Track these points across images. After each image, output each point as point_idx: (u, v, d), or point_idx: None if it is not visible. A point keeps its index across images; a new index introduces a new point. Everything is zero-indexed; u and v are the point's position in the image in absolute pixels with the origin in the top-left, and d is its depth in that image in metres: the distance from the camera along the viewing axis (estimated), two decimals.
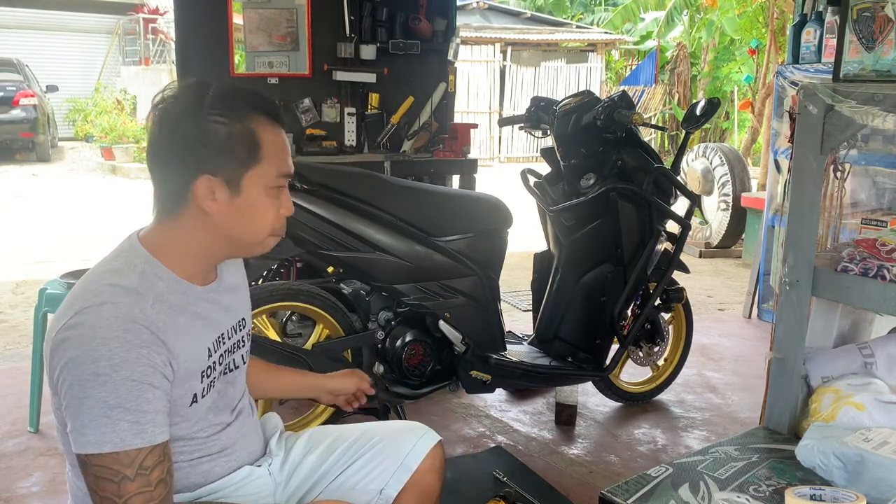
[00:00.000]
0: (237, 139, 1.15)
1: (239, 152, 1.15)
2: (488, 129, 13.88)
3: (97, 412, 1.06)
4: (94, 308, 1.09)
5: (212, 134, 1.13)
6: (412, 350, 2.50)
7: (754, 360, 3.61)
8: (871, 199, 2.03)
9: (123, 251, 1.19)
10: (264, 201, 1.20)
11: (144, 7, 15.80)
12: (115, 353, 1.06)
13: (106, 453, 1.06)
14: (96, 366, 1.06)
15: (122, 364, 1.06)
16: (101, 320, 1.08)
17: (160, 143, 1.16)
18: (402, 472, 1.41)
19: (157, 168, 1.18)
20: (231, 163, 1.15)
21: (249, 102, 1.18)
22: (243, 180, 1.17)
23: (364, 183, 2.43)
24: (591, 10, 17.85)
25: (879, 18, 1.68)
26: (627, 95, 2.69)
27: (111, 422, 1.06)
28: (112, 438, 1.06)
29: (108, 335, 1.07)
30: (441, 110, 4.21)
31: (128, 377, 1.07)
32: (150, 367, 1.09)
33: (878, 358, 1.84)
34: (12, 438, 2.68)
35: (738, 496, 1.46)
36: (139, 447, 1.07)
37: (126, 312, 1.09)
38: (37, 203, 8.63)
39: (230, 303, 1.31)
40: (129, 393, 1.07)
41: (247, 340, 1.37)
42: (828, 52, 3.49)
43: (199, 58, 3.82)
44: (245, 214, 1.19)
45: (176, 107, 1.16)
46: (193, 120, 1.14)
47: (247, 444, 1.35)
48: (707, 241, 6.23)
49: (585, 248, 2.73)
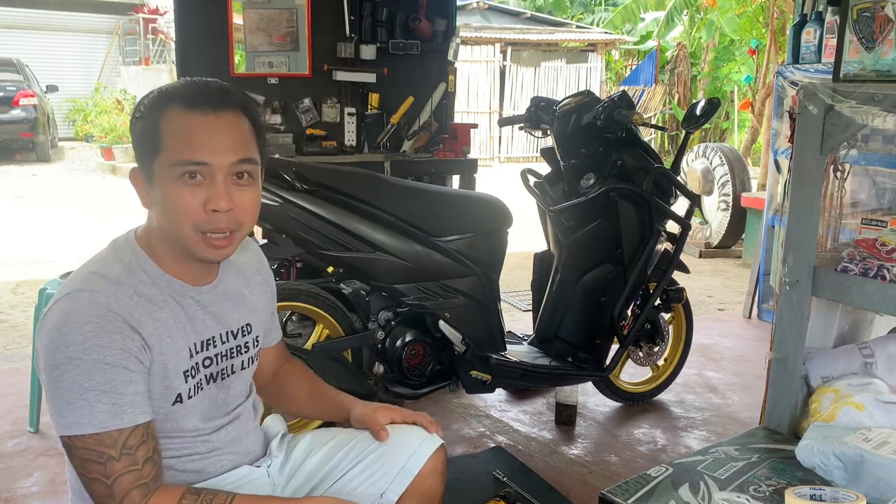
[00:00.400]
0: (144, 131, 1.16)
1: (146, 143, 1.16)
2: (488, 129, 13.88)
3: (73, 395, 1.08)
4: (72, 294, 1.12)
5: (134, 130, 1.18)
6: (412, 350, 2.50)
7: (754, 360, 3.61)
8: (871, 199, 2.03)
9: (118, 245, 1.22)
10: (175, 190, 1.14)
11: (144, 7, 15.81)
12: (86, 338, 1.08)
13: (87, 434, 1.08)
14: (69, 350, 1.08)
15: (94, 348, 1.08)
16: (77, 305, 1.11)
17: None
18: (404, 476, 1.40)
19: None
20: (142, 154, 1.17)
21: (168, 93, 1.17)
22: (153, 170, 1.16)
23: (364, 183, 2.43)
24: (591, 10, 17.85)
25: (879, 18, 1.68)
26: (627, 95, 2.69)
27: (88, 404, 1.08)
28: (91, 420, 1.08)
29: (80, 320, 1.09)
30: (441, 110, 4.21)
31: (100, 360, 1.09)
32: (122, 350, 1.11)
33: (878, 358, 1.84)
34: (12, 438, 2.68)
35: (738, 496, 1.46)
36: (119, 428, 1.09)
37: (102, 301, 1.11)
38: (37, 203, 8.63)
39: (227, 309, 1.29)
40: (103, 375, 1.09)
41: (252, 347, 1.35)
42: (828, 52, 3.49)
43: (199, 58, 3.82)
44: (162, 205, 1.16)
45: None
46: (133, 117, 1.20)
47: (243, 446, 1.34)
48: (707, 241, 6.22)
49: (585, 248, 2.73)
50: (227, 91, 1.19)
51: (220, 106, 1.16)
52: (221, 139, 1.15)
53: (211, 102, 1.15)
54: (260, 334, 1.38)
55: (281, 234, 2.31)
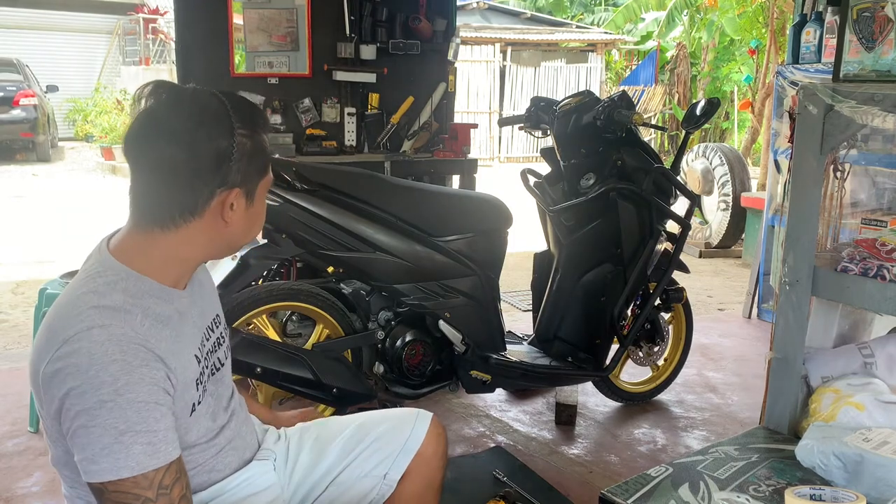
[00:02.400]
0: (258, 151, 1.17)
1: (258, 164, 1.18)
2: (488, 129, 13.88)
3: (108, 439, 1.04)
4: (83, 333, 1.05)
5: (241, 148, 1.14)
6: (412, 350, 2.50)
7: (754, 360, 3.61)
8: (871, 199, 2.02)
9: (98, 270, 1.14)
10: (263, 205, 1.25)
11: (144, 7, 15.81)
12: (117, 378, 1.04)
13: (124, 479, 1.04)
14: (100, 393, 1.03)
15: (126, 387, 1.04)
16: (95, 345, 1.05)
17: (173, 158, 1.10)
18: (404, 455, 1.44)
19: (163, 183, 1.12)
20: (252, 175, 1.17)
21: (257, 113, 1.21)
22: (258, 189, 1.20)
23: (364, 183, 2.43)
24: (592, 10, 17.85)
25: (879, 18, 1.68)
26: (627, 95, 2.69)
27: (124, 447, 1.04)
28: (128, 463, 1.04)
29: (105, 360, 1.04)
30: (441, 110, 4.21)
31: (133, 399, 1.05)
32: (152, 385, 1.07)
33: (878, 358, 1.83)
34: (12, 438, 2.68)
35: (738, 496, 1.46)
36: (156, 468, 1.06)
37: (118, 333, 1.06)
38: (37, 203, 8.63)
39: (204, 301, 1.30)
40: (138, 415, 1.05)
41: (225, 336, 1.36)
42: (828, 52, 3.49)
43: (199, 58, 3.82)
44: (253, 220, 1.23)
45: (191, 121, 1.11)
46: (227, 133, 1.12)
47: (244, 440, 1.35)
48: (707, 241, 6.23)
49: (585, 248, 2.73)
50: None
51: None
52: None
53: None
54: (225, 322, 1.39)
55: (281, 234, 2.31)
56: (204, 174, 1.12)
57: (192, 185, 1.12)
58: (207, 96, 1.15)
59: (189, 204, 1.13)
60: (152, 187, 1.13)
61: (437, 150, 4.02)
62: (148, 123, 1.12)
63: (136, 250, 1.15)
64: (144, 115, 1.12)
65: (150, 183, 1.13)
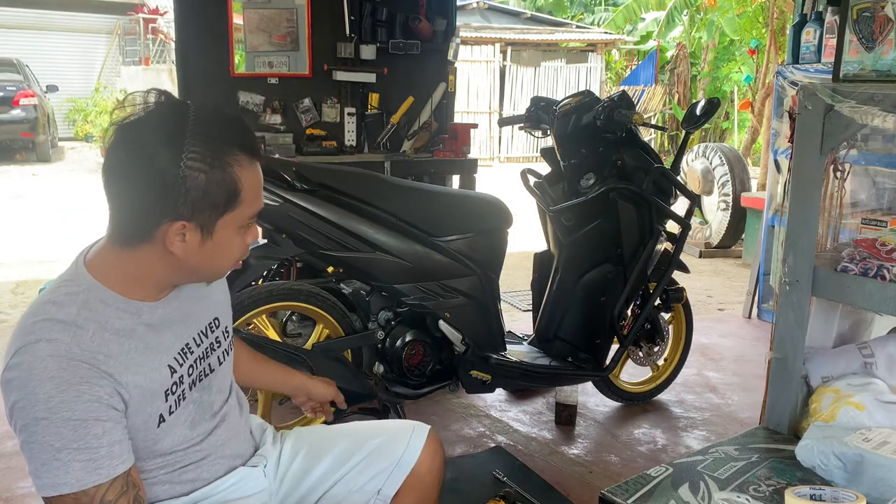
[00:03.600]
0: (217, 186, 1.08)
1: (217, 199, 1.09)
2: (488, 129, 13.88)
3: (47, 456, 1.03)
4: (30, 346, 1.05)
5: (190, 181, 1.05)
6: (412, 350, 2.50)
7: (754, 360, 3.61)
8: (871, 199, 2.02)
9: (67, 279, 1.14)
10: (233, 239, 1.15)
11: (144, 7, 15.81)
12: (51, 396, 1.03)
13: (64, 494, 1.04)
14: (35, 410, 1.03)
15: (60, 405, 1.03)
16: (37, 360, 1.04)
17: (127, 173, 1.07)
18: (399, 471, 1.40)
19: (117, 197, 1.09)
20: (207, 210, 1.08)
21: (230, 140, 1.10)
22: (217, 224, 1.11)
23: (364, 183, 2.43)
24: (592, 11, 17.85)
25: (879, 18, 1.68)
26: (627, 95, 2.69)
27: (62, 464, 1.03)
28: (67, 480, 1.04)
29: (42, 376, 1.03)
30: (441, 110, 4.21)
31: (68, 417, 1.03)
32: (91, 401, 1.05)
33: (878, 358, 1.83)
34: (12, 438, 2.67)
35: (738, 496, 1.46)
36: (97, 484, 1.05)
37: (62, 350, 1.05)
38: (37, 203, 8.63)
39: (193, 308, 1.25)
40: (74, 433, 1.03)
41: (223, 340, 1.32)
42: (828, 52, 3.49)
43: (199, 58, 3.82)
44: (213, 254, 1.14)
45: (150, 138, 1.06)
46: (172, 162, 1.04)
47: (234, 447, 1.32)
48: (707, 241, 6.23)
49: (585, 248, 2.73)
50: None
51: (260, 152, 1.17)
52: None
53: (258, 149, 1.15)
54: (228, 324, 1.35)
55: (281, 234, 2.31)
56: (148, 199, 1.06)
57: (138, 208, 1.08)
58: (172, 115, 1.08)
59: (137, 228, 1.10)
60: (112, 203, 1.11)
61: (437, 150, 4.02)
62: (115, 137, 1.08)
63: (104, 263, 1.14)
64: (118, 127, 1.09)
65: (110, 198, 1.11)
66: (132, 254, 1.12)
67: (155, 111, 1.09)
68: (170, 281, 1.19)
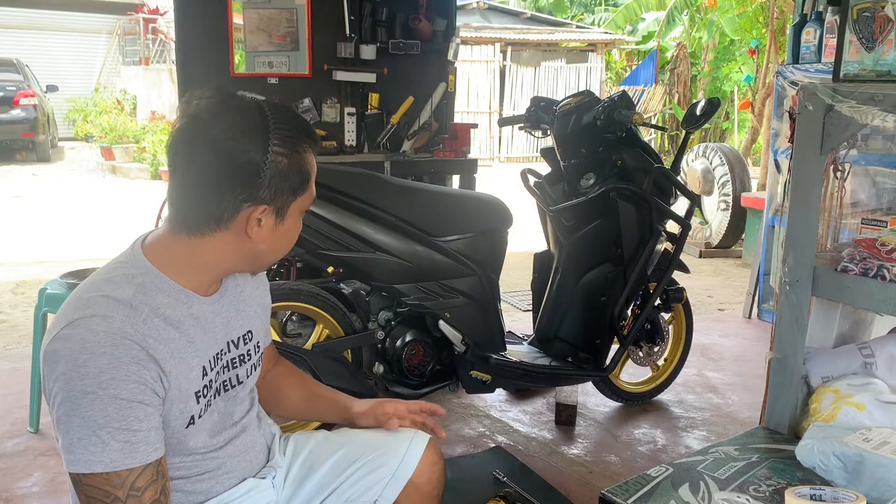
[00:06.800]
0: (295, 172, 1.16)
1: (294, 183, 1.16)
2: (488, 129, 13.88)
3: (86, 431, 1.03)
4: (84, 320, 1.06)
5: (273, 167, 1.12)
6: (412, 350, 2.50)
7: (754, 360, 3.61)
8: (871, 199, 2.02)
9: (124, 261, 1.16)
10: (297, 224, 1.23)
11: (144, 7, 15.81)
12: (102, 370, 1.03)
13: (96, 473, 1.04)
14: (83, 383, 1.03)
15: (110, 382, 1.03)
16: (91, 334, 1.05)
17: (208, 165, 1.10)
18: (395, 482, 1.38)
19: (195, 189, 1.13)
20: (285, 194, 1.16)
21: (302, 130, 1.18)
22: (290, 209, 1.18)
23: (364, 183, 2.43)
24: (592, 11, 17.86)
25: (879, 18, 1.68)
26: (627, 95, 2.69)
27: (101, 441, 1.03)
28: (102, 458, 1.03)
29: (96, 350, 1.04)
30: (441, 110, 4.21)
31: (116, 395, 1.04)
32: (139, 383, 1.06)
33: (878, 358, 1.83)
34: (12, 438, 2.68)
35: (738, 496, 1.46)
36: (130, 467, 1.05)
37: (117, 327, 1.06)
38: (37, 203, 8.63)
39: (231, 318, 1.26)
40: (118, 412, 1.04)
41: (254, 354, 1.32)
42: (828, 52, 3.49)
43: (199, 58, 3.82)
44: (282, 238, 1.21)
45: (235, 130, 1.10)
46: (260, 150, 1.11)
47: (250, 459, 1.32)
48: (707, 241, 6.23)
49: (585, 248, 2.73)
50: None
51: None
52: None
53: (318, 138, 1.25)
54: (260, 340, 1.35)
55: None
56: (232, 186, 1.11)
57: (219, 196, 1.12)
58: (252, 108, 1.13)
59: (215, 214, 1.13)
60: (184, 192, 1.14)
61: (437, 150, 4.02)
62: (188, 127, 1.12)
63: (163, 250, 1.16)
64: (187, 119, 1.12)
65: (182, 187, 1.14)
66: (200, 241, 1.15)
67: (231, 106, 1.13)
68: (230, 269, 1.22)
